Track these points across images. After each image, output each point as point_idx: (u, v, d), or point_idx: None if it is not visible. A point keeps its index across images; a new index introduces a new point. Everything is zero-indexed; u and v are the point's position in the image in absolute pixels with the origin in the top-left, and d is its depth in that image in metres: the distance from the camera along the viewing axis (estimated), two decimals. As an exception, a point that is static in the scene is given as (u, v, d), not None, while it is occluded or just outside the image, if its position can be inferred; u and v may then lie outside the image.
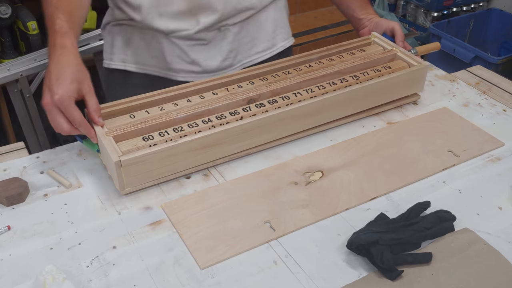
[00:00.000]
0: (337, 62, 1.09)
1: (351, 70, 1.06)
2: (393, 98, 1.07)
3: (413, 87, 1.09)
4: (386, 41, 1.15)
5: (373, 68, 1.07)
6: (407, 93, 1.09)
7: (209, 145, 0.88)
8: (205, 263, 0.74)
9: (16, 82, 1.75)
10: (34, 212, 0.83)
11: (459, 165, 0.94)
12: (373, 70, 1.06)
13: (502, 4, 2.74)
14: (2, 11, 1.78)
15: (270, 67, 1.05)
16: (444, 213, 0.81)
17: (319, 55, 1.10)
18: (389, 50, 1.12)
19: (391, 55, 1.11)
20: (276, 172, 0.91)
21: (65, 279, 0.69)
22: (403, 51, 1.12)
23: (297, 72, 1.05)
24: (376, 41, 1.16)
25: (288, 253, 0.77)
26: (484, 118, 1.07)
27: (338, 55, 1.11)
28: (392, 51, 1.12)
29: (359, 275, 0.73)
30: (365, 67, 1.08)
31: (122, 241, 0.78)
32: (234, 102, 0.96)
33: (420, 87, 1.10)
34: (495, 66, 2.29)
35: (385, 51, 1.12)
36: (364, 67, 1.08)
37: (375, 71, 1.06)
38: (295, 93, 0.98)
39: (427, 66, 1.08)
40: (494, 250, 0.77)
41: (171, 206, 0.84)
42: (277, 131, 0.95)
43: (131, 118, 0.91)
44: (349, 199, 0.86)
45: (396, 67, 1.08)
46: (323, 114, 0.99)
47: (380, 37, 1.17)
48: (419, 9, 2.86)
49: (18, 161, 0.93)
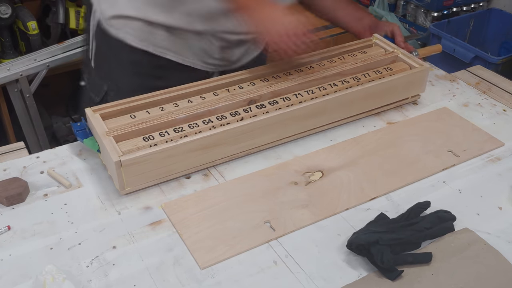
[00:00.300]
0: (338, 63, 1.09)
1: (352, 71, 1.06)
2: (394, 100, 1.08)
3: (414, 89, 1.09)
4: (387, 42, 1.15)
5: (374, 69, 1.07)
6: (408, 95, 1.09)
7: (209, 145, 0.88)
8: (205, 263, 0.74)
9: (16, 82, 1.76)
10: (34, 212, 0.83)
11: (459, 165, 0.94)
12: (374, 72, 1.06)
13: (502, 4, 2.74)
14: (2, 11, 1.78)
15: (270, 69, 1.05)
16: (444, 213, 0.81)
17: (320, 57, 1.10)
18: (390, 52, 1.12)
19: (392, 57, 1.11)
20: (276, 172, 0.91)
21: (65, 279, 0.69)
22: (404, 52, 1.12)
23: (298, 73, 1.05)
24: (377, 42, 1.16)
25: (288, 253, 0.77)
26: (484, 118, 1.07)
27: (339, 56, 1.11)
28: (394, 53, 1.12)
29: (359, 275, 0.73)
30: (366, 68, 1.08)
31: (122, 241, 0.78)
32: (235, 103, 0.96)
33: (421, 89, 1.10)
34: (495, 66, 2.29)
35: (386, 53, 1.12)
36: (365, 69, 1.08)
37: (376, 72, 1.06)
38: (295, 94, 0.98)
39: (428, 68, 1.08)
40: (494, 250, 0.77)
41: (171, 206, 0.84)
42: (277, 132, 0.95)
43: (131, 118, 0.91)
44: (349, 199, 0.86)
45: (397, 69, 1.08)
46: (323, 116, 0.99)
47: (381, 39, 1.17)
48: (419, 9, 2.86)
49: (18, 161, 0.93)
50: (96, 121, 0.89)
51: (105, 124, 0.89)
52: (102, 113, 0.91)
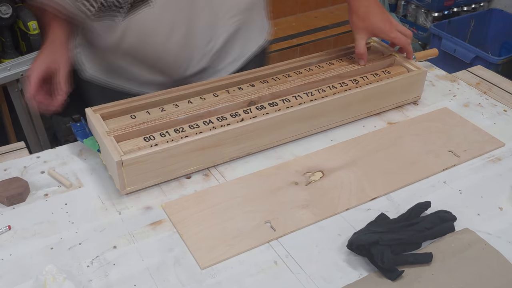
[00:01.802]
0: (336, 66, 1.09)
1: (351, 74, 1.07)
2: (392, 102, 1.08)
3: (412, 91, 1.09)
4: (385, 46, 1.16)
5: (373, 72, 1.08)
6: (406, 98, 1.09)
7: (210, 146, 0.88)
8: (206, 263, 0.74)
9: (16, 82, 1.76)
10: (35, 212, 0.83)
11: (459, 165, 0.94)
12: (373, 75, 1.07)
13: (502, 4, 2.75)
14: (2, 11, 1.78)
15: (270, 70, 1.06)
16: (444, 213, 0.81)
17: (319, 59, 1.11)
18: (388, 55, 1.13)
19: (390, 60, 1.12)
20: (276, 172, 0.91)
21: (66, 279, 0.69)
22: (401, 55, 1.12)
23: (297, 75, 1.05)
24: (375, 45, 1.17)
25: (289, 253, 0.77)
26: (485, 118, 1.07)
27: (337, 59, 1.12)
28: (391, 56, 1.13)
29: (360, 275, 0.73)
30: (364, 71, 1.09)
31: (123, 241, 0.78)
32: (235, 104, 0.96)
33: (419, 91, 1.10)
34: (496, 66, 2.29)
35: (384, 56, 1.13)
36: (363, 72, 1.08)
37: (375, 75, 1.07)
38: (295, 96, 0.99)
39: (425, 71, 1.08)
40: (494, 250, 0.77)
41: (172, 206, 0.84)
42: (277, 133, 0.95)
43: (132, 119, 0.91)
44: (350, 199, 0.86)
45: (395, 72, 1.09)
46: (322, 118, 0.99)
47: (379, 42, 1.17)
48: (419, 9, 2.86)
49: (18, 161, 0.93)
50: (97, 121, 0.89)
51: (106, 124, 0.89)
52: (103, 113, 0.91)
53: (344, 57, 1.13)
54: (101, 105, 0.93)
